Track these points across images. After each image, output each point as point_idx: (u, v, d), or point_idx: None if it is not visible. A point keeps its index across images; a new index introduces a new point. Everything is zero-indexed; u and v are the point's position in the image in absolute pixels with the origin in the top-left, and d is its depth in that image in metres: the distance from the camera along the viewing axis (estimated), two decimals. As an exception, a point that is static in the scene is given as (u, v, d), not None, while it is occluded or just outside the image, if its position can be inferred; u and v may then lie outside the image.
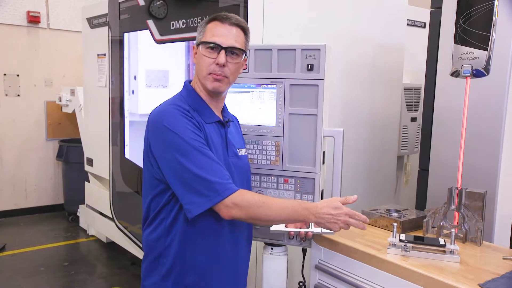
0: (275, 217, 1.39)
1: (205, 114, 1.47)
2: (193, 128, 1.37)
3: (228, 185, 1.35)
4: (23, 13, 5.11)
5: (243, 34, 1.47)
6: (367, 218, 1.43)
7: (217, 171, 1.35)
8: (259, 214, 1.36)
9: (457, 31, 1.66)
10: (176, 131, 1.35)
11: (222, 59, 1.40)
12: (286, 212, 1.38)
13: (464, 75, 1.64)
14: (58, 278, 3.66)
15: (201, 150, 1.35)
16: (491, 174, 1.74)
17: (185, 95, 1.49)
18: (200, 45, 1.45)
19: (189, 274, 1.44)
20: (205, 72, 1.43)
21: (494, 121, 1.74)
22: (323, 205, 1.39)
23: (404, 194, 3.34)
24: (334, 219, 1.39)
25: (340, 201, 1.42)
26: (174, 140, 1.35)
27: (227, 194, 1.33)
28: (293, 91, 1.75)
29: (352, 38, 2.56)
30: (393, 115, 2.96)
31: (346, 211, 1.40)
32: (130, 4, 3.20)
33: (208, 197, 1.33)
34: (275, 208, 1.37)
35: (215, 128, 1.49)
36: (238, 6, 2.23)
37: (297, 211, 1.39)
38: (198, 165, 1.33)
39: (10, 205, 5.25)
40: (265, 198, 1.40)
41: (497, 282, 1.26)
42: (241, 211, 1.35)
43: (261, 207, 1.35)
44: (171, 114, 1.38)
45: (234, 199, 1.34)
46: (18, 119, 5.23)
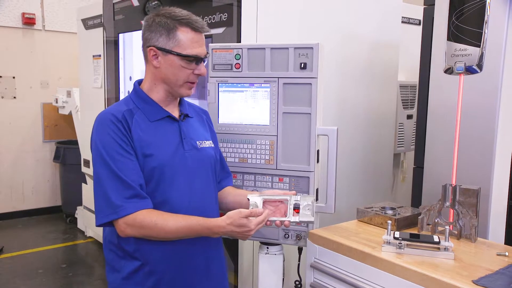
0: (172, 237, 1.39)
1: (151, 112, 1.46)
2: (118, 137, 1.37)
3: (122, 207, 1.34)
4: (18, 15, 5.10)
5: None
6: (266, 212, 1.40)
7: (119, 189, 1.35)
8: (153, 235, 1.37)
9: (450, 28, 1.66)
10: (99, 142, 1.38)
11: (205, 71, 1.44)
12: (183, 231, 1.38)
13: (457, 72, 1.64)
14: (56, 280, 3.65)
15: (113, 163, 1.35)
16: (485, 170, 1.75)
17: (133, 96, 1.49)
18: (177, 56, 1.41)
19: (151, 276, 1.43)
20: (182, 81, 1.44)
21: (488, 118, 1.74)
22: (226, 223, 1.36)
23: (401, 191, 3.34)
24: (240, 235, 1.39)
25: (245, 215, 1.36)
26: (96, 150, 1.39)
27: (118, 215, 1.34)
28: (287, 90, 1.75)
29: (347, 35, 2.56)
30: (389, 112, 2.95)
31: (253, 227, 1.36)
32: (124, 5, 3.19)
33: (104, 212, 1.36)
34: (170, 229, 1.36)
35: (165, 124, 1.48)
36: (231, 5, 2.23)
37: (196, 231, 1.38)
38: (106, 180, 1.36)
39: (8, 207, 5.24)
40: (160, 218, 1.36)
41: (491, 278, 1.26)
42: (135, 230, 1.36)
43: (153, 229, 1.35)
44: (102, 122, 1.40)
45: (127, 220, 1.34)
46: (15, 121, 5.23)
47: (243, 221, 1.35)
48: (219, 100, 1.85)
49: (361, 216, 1.84)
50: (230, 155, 1.85)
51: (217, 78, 1.85)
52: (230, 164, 1.81)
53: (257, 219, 1.38)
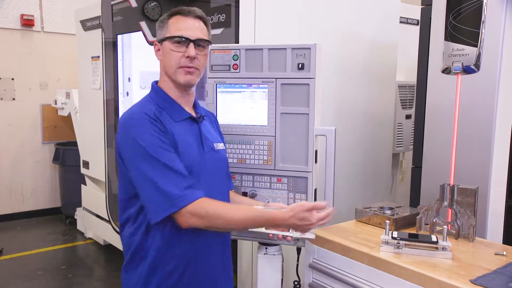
0: (235, 227, 1.42)
1: (174, 112, 1.46)
2: (158, 133, 1.37)
3: (184, 197, 1.33)
4: (16, 17, 5.10)
5: (205, 26, 1.48)
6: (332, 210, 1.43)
7: (175, 180, 1.34)
8: (218, 225, 1.37)
9: (447, 28, 1.66)
10: (140, 140, 1.36)
11: (193, 52, 1.41)
12: (247, 223, 1.40)
13: (455, 71, 1.64)
14: (56, 281, 3.65)
15: (161, 158, 1.34)
16: (483, 170, 1.75)
17: (153, 96, 1.48)
18: (166, 40, 1.44)
19: (171, 276, 1.44)
20: (175, 66, 1.43)
21: (485, 117, 1.74)
22: (289, 215, 1.37)
23: (400, 191, 3.35)
24: (300, 228, 1.40)
25: (307, 208, 1.37)
26: (135, 146, 1.36)
27: (182, 205, 1.33)
28: (285, 91, 1.75)
29: (345, 36, 2.56)
30: (388, 112, 2.96)
31: (314, 221, 1.38)
32: (123, 6, 3.20)
33: (163, 207, 1.34)
34: (235, 220, 1.37)
35: (187, 125, 1.48)
36: (229, 6, 2.23)
37: (260, 222, 1.40)
38: (156, 174, 1.34)
39: (7, 209, 5.24)
40: (225, 208, 1.38)
41: (488, 278, 1.26)
42: (199, 221, 1.35)
43: (219, 219, 1.35)
44: (137, 121, 1.39)
45: (190, 210, 1.33)
46: (14, 123, 5.22)
47: (305, 214, 1.36)
48: (217, 100, 1.85)
49: (360, 216, 1.84)
50: (229, 156, 1.84)
51: (215, 78, 1.85)
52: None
53: (319, 215, 1.39)
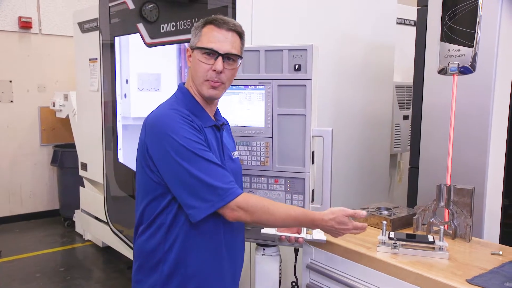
0: (278, 224, 1.44)
1: (202, 118, 1.45)
2: (194, 131, 1.37)
3: (231, 190, 1.35)
4: (14, 19, 5.10)
5: (239, 39, 1.45)
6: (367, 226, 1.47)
7: (220, 175, 1.35)
8: (263, 220, 1.40)
9: (443, 29, 1.67)
10: (178, 136, 1.33)
11: (220, 66, 1.39)
12: (289, 220, 1.42)
13: (451, 72, 1.65)
14: (54, 283, 3.65)
15: (202, 154, 1.34)
16: (479, 170, 1.75)
17: (181, 98, 1.47)
18: (196, 50, 1.42)
19: (192, 279, 1.43)
20: (202, 78, 1.42)
21: (482, 118, 1.75)
22: (329, 218, 1.41)
23: (398, 192, 3.35)
24: (336, 231, 1.44)
25: (348, 214, 1.42)
26: (174, 145, 1.33)
27: (230, 198, 1.34)
28: (281, 92, 1.76)
29: (342, 37, 2.57)
30: (385, 113, 2.96)
31: (351, 227, 1.43)
32: (120, 8, 3.20)
33: (211, 202, 1.33)
34: (280, 216, 1.40)
35: (212, 132, 1.48)
36: (226, 7, 2.24)
37: (301, 221, 1.44)
38: (200, 169, 1.33)
39: (5, 211, 5.23)
40: (270, 204, 1.40)
41: (485, 277, 1.27)
42: (246, 215, 1.36)
43: (266, 213, 1.38)
44: (172, 119, 1.36)
45: (239, 203, 1.35)
46: (12, 125, 5.22)
47: (345, 219, 1.41)
48: (214, 102, 1.86)
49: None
50: (226, 157, 1.85)
51: (212, 80, 1.85)
52: (225, 166, 1.81)
53: (357, 224, 1.43)
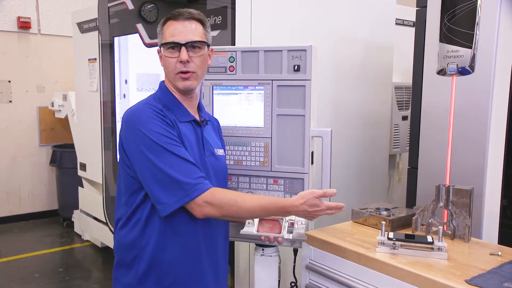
0: (249, 215, 1.44)
1: (179, 113, 1.47)
2: (166, 126, 1.38)
3: (198, 185, 1.35)
4: (13, 19, 5.09)
5: (201, 26, 1.47)
6: (343, 205, 1.44)
7: (188, 170, 1.35)
8: (232, 213, 1.40)
9: (442, 29, 1.67)
10: (148, 131, 1.36)
11: (184, 56, 1.41)
12: (259, 211, 1.42)
13: (450, 73, 1.65)
14: (53, 284, 3.64)
15: (171, 149, 1.35)
16: (478, 170, 1.76)
17: (159, 95, 1.50)
18: (162, 47, 1.46)
19: (168, 275, 1.44)
20: (173, 73, 1.45)
21: (480, 118, 1.75)
22: (300, 202, 1.40)
23: (396, 192, 3.35)
24: (310, 214, 1.43)
25: (318, 195, 1.40)
26: (145, 140, 1.36)
27: (197, 194, 1.34)
28: (281, 92, 1.76)
29: (341, 38, 2.57)
30: (384, 114, 2.97)
31: (324, 208, 1.41)
32: (119, 8, 3.20)
33: (177, 197, 1.34)
34: (249, 208, 1.39)
35: (190, 127, 1.49)
36: (225, 8, 2.24)
37: (271, 211, 1.42)
38: (168, 164, 1.34)
39: (4, 212, 5.22)
40: (238, 196, 1.40)
41: (484, 278, 1.27)
42: (214, 210, 1.36)
43: (234, 206, 1.37)
44: (144, 113, 1.39)
45: (205, 198, 1.35)
46: (11, 125, 5.21)
47: (316, 201, 1.40)
48: (213, 102, 1.86)
49: (356, 217, 1.84)
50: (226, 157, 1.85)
51: (211, 80, 1.86)
52: (225, 167, 1.81)
53: (330, 204, 1.42)
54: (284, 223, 1.52)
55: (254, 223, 1.54)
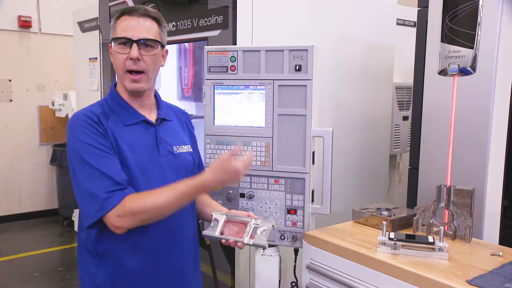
0: (169, 210, 1.35)
1: (126, 115, 1.43)
2: (94, 135, 1.34)
3: (108, 199, 1.29)
4: (14, 18, 5.10)
5: (156, 24, 1.42)
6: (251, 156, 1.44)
7: (100, 183, 1.30)
8: (149, 216, 1.34)
9: (444, 30, 1.67)
10: (75, 140, 1.34)
11: (135, 53, 1.36)
12: (176, 202, 1.34)
13: (451, 73, 1.65)
14: (53, 283, 3.64)
15: (91, 160, 1.31)
16: (479, 171, 1.75)
17: (108, 99, 1.46)
18: (112, 42, 1.40)
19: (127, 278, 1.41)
20: (122, 70, 1.39)
21: (482, 118, 1.75)
22: (209, 174, 1.36)
23: (397, 192, 3.35)
24: (229, 179, 1.39)
25: (224, 159, 1.36)
26: (72, 148, 1.35)
27: (109, 207, 1.29)
28: (282, 92, 1.76)
29: (342, 38, 2.57)
30: (385, 114, 2.97)
31: (236, 169, 1.36)
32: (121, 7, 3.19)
33: (93, 209, 1.31)
34: (163, 203, 1.32)
35: (140, 129, 1.44)
36: (227, 7, 2.24)
37: (190, 194, 1.36)
38: (86, 176, 1.32)
39: (4, 211, 5.23)
40: (149, 196, 1.32)
41: (485, 278, 1.27)
42: (128, 221, 1.31)
43: (146, 211, 1.31)
44: (76, 122, 1.37)
45: (117, 212, 1.29)
46: (11, 124, 5.22)
47: (225, 165, 1.35)
48: (214, 102, 1.86)
49: (357, 217, 1.84)
50: (226, 157, 1.85)
51: (213, 80, 1.85)
52: (226, 166, 1.81)
53: (243, 161, 1.38)
54: (248, 227, 1.46)
55: (219, 224, 1.50)
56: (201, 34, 2.38)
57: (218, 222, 1.49)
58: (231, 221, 1.50)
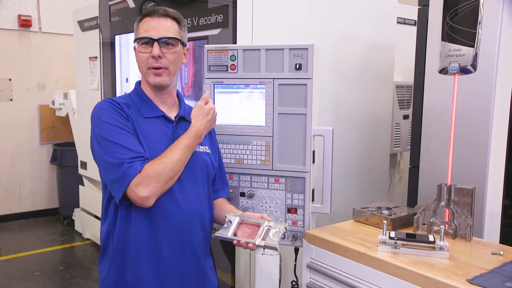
0: (181, 165, 1.43)
1: (145, 108, 1.50)
2: (117, 116, 1.42)
3: (131, 167, 1.35)
4: (14, 17, 5.09)
5: (176, 24, 1.49)
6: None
7: (121, 152, 1.37)
8: (167, 177, 1.39)
9: (444, 28, 1.66)
10: (98, 121, 1.43)
11: (156, 51, 1.43)
12: (184, 155, 1.44)
13: (451, 72, 1.64)
14: (53, 282, 3.64)
15: (110, 137, 1.39)
16: (480, 170, 1.75)
17: (132, 94, 1.55)
18: (136, 43, 1.49)
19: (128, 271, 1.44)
20: (145, 67, 1.48)
21: (482, 117, 1.75)
22: (198, 121, 1.52)
23: (397, 191, 3.35)
24: (210, 121, 1.56)
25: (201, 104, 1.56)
26: (94, 128, 1.44)
27: (132, 175, 1.35)
28: (282, 91, 1.75)
29: (342, 36, 2.57)
30: (385, 113, 2.96)
31: (211, 107, 1.57)
32: (120, 7, 3.19)
33: (118, 179, 1.36)
34: (176, 160, 1.41)
35: (159, 123, 1.50)
36: (227, 6, 2.23)
37: (190, 145, 1.47)
38: (106, 151, 1.39)
39: (5, 210, 5.23)
40: (162, 159, 1.39)
41: (485, 277, 1.27)
42: (148, 187, 1.35)
43: (166, 171, 1.38)
44: (99, 106, 1.46)
45: (141, 179, 1.35)
46: (11, 123, 5.21)
47: (207, 108, 1.55)
48: (214, 101, 1.85)
49: (357, 216, 1.84)
50: (226, 156, 1.85)
51: (213, 79, 1.85)
52: (226, 165, 1.81)
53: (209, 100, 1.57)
54: (261, 229, 1.48)
55: (232, 225, 1.51)
56: (201, 33, 2.38)
57: (232, 223, 1.51)
58: (244, 223, 1.53)
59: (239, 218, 1.52)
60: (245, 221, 1.52)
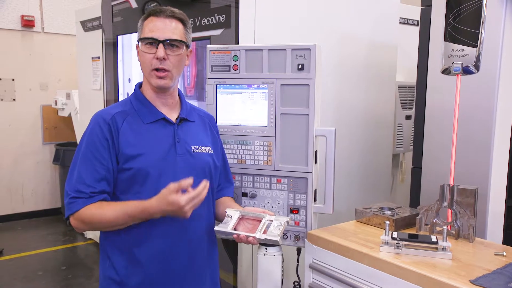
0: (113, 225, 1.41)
1: (144, 113, 1.48)
2: (97, 141, 1.42)
3: (72, 203, 1.38)
4: (17, 17, 5.11)
5: (181, 25, 1.47)
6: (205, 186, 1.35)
7: (74, 183, 1.40)
8: (98, 227, 1.44)
9: (447, 28, 1.66)
10: (83, 136, 1.47)
11: (161, 53, 1.41)
12: (121, 219, 1.39)
13: (454, 72, 1.64)
14: (56, 282, 3.65)
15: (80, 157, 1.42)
16: (483, 170, 1.75)
17: (132, 98, 1.53)
18: (140, 42, 1.46)
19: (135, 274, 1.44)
20: (148, 68, 1.45)
21: (485, 118, 1.75)
22: (156, 202, 1.33)
23: (400, 192, 3.35)
24: (176, 213, 1.33)
25: (174, 189, 1.29)
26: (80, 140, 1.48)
27: (71, 210, 1.39)
28: (284, 91, 1.75)
29: (345, 37, 2.56)
30: (388, 113, 2.96)
31: (183, 203, 1.29)
32: (123, 7, 3.20)
33: (65, 206, 1.42)
34: (109, 219, 1.39)
35: (159, 127, 1.48)
36: (229, 6, 2.23)
37: (134, 215, 1.38)
38: (70, 169, 1.43)
39: (7, 210, 5.24)
40: (97, 211, 1.39)
41: (488, 278, 1.26)
42: (83, 226, 1.42)
43: (95, 223, 1.40)
44: (93, 120, 1.48)
45: (74, 216, 1.40)
46: (14, 123, 5.23)
47: (172, 198, 1.29)
48: (217, 101, 1.86)
49: (360, 216, 1.84)
50: (229, 156, 1.85)
51: (215, 79, 1.85)
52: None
53: (188, 195, 1.29)
54: (262, 223, 1.45)
55: (232, 220, 1.48)
56: (204, 33, 2.38)
57: (232, 218, 1.48)
58: (245, 218, 1.50)
59: (240, 213, 1.50)
60: (246, 216, 1.50)
